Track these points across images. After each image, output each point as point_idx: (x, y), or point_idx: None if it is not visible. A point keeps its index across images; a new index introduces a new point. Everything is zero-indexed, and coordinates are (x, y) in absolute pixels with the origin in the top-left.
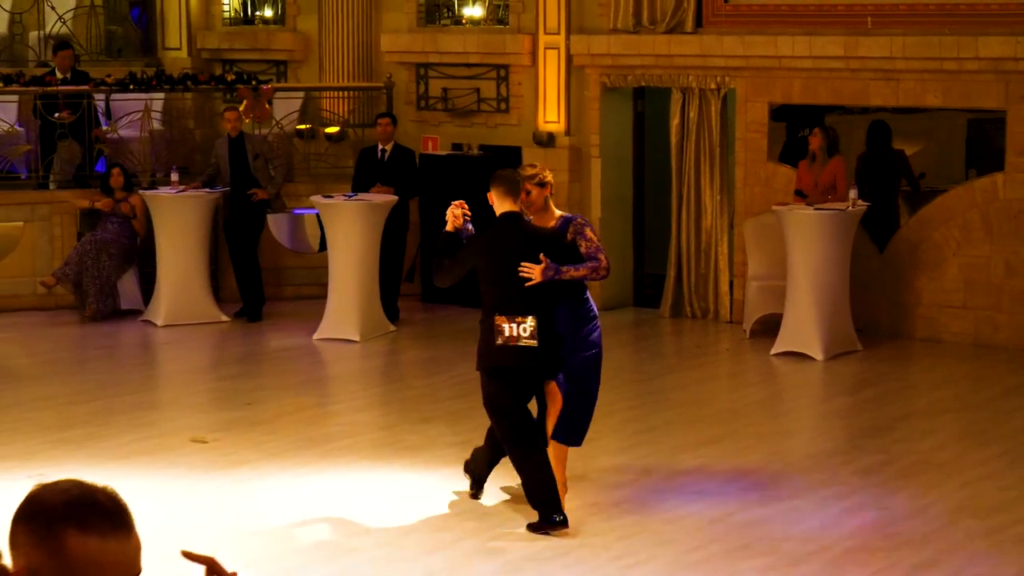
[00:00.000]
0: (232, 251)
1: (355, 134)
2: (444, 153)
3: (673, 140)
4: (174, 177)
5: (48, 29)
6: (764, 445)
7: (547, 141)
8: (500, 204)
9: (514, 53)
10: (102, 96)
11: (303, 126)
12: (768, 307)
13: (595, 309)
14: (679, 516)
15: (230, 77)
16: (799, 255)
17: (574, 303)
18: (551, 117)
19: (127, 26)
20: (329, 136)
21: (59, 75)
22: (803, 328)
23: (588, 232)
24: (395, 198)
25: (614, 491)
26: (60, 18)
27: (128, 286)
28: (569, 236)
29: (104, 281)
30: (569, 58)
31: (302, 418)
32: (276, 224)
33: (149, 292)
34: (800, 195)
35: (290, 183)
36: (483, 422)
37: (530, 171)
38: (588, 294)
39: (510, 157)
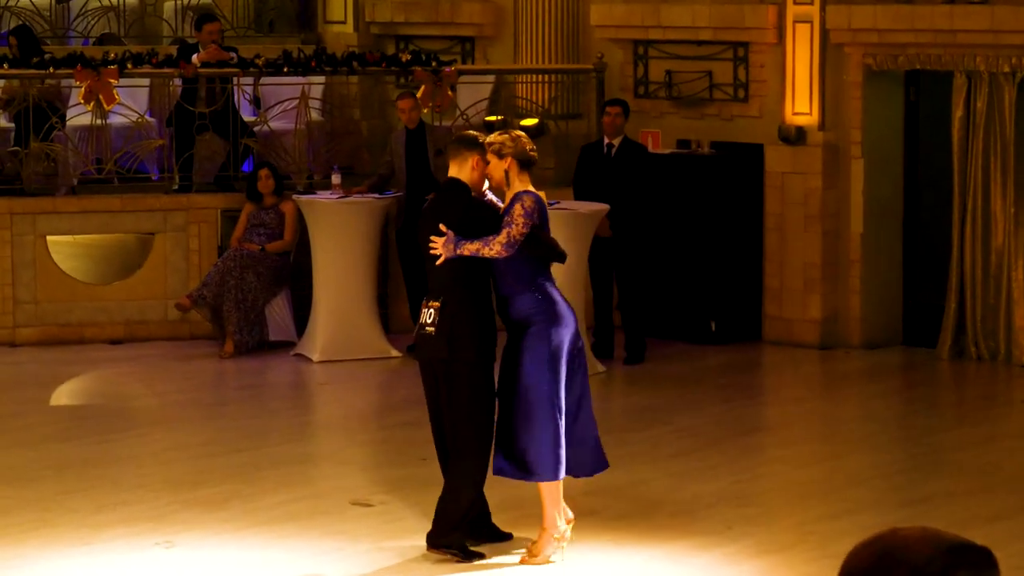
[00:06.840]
0: (406, 270)
1: (557, 127)
2: (667, 152)
3: (955, 137)
4: (335, 179)
5: None
6: None
7: (796, 137)
8: (450, 168)
9: (756, 28)
10: (249, 80)
11: (494, 117)
12: None
13: (557, 307)
14: None
15: (405, 57)
16: None
17: (529, 290)
18: (801, 108)
19: None
20: (526, 129)
21: (203, 54)
22: None
23: (517, 207)
24: (606, 207)
25: None
26: None
27: (278, 313)
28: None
29: (249, 306)
30: (825, 34)
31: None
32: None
33: (303, 320)
34: None
35: None
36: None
37: (495, 137)
38: (547, 284)
39: (749, 156)
